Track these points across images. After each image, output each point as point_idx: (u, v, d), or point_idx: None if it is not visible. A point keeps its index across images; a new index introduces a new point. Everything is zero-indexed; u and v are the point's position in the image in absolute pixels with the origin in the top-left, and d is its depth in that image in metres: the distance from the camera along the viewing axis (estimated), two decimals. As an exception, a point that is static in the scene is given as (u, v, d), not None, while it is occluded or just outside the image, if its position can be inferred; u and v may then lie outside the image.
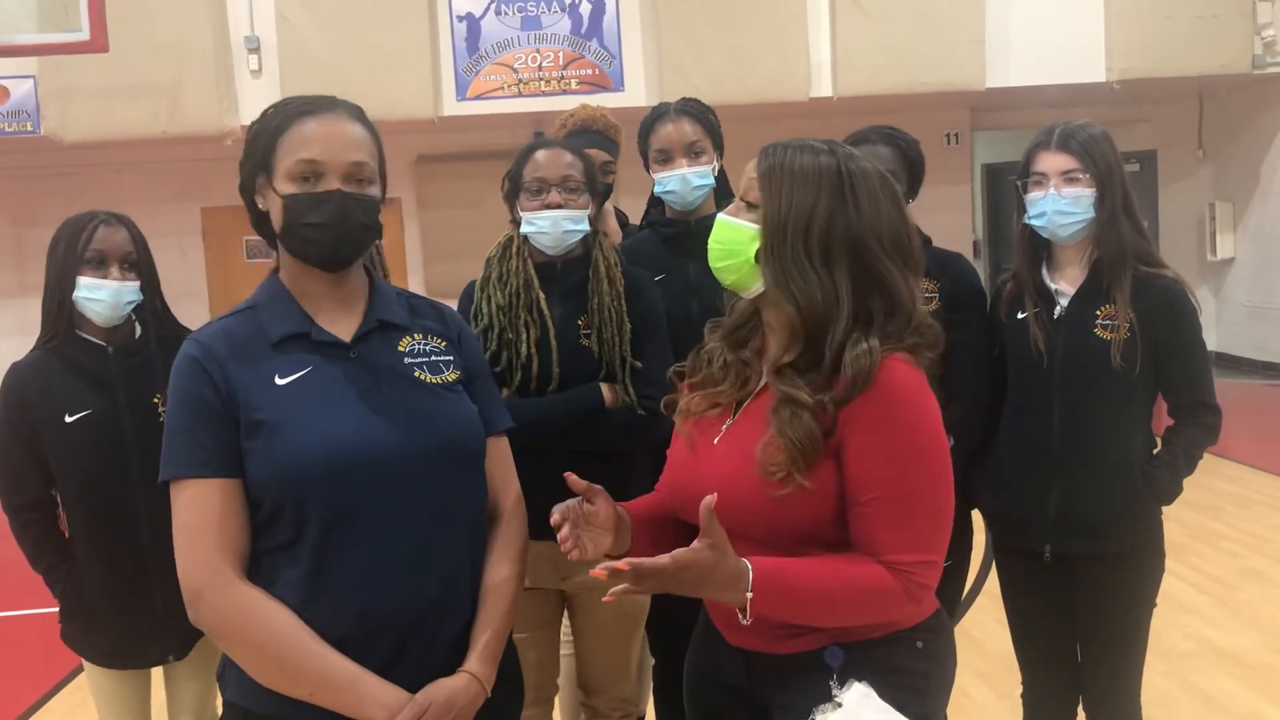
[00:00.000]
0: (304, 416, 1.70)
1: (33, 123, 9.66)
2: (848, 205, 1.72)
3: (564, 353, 2.58)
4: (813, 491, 1.66)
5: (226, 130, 9.56)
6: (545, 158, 2.60)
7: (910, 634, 1.76)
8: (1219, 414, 2.64)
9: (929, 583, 1.69)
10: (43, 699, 4.43)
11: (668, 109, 2.92)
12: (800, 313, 1.71)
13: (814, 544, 1.70)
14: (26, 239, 11.22)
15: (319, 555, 1.68)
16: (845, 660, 1.71)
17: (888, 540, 1.66)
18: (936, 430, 1.70)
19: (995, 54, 9.91)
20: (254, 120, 1.81)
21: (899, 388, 1.67)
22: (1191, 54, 9.95)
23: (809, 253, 1.71)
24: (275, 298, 1.80)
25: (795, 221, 1.72)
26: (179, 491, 1.70)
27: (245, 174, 1.80)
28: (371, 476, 1.70)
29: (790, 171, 1.75)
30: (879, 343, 1.68)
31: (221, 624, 1.67)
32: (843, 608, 1.68)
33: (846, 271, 1.71)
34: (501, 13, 9.90)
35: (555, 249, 2.59)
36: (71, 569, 2.62)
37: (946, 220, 10.65)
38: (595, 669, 2.77)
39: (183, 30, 9.38)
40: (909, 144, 2.79)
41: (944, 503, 1.71)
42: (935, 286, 2.74)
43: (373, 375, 1.77)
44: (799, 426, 1.66)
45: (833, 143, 1.81)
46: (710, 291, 2.85)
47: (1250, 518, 6.24)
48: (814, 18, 9.90)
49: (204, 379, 1.70)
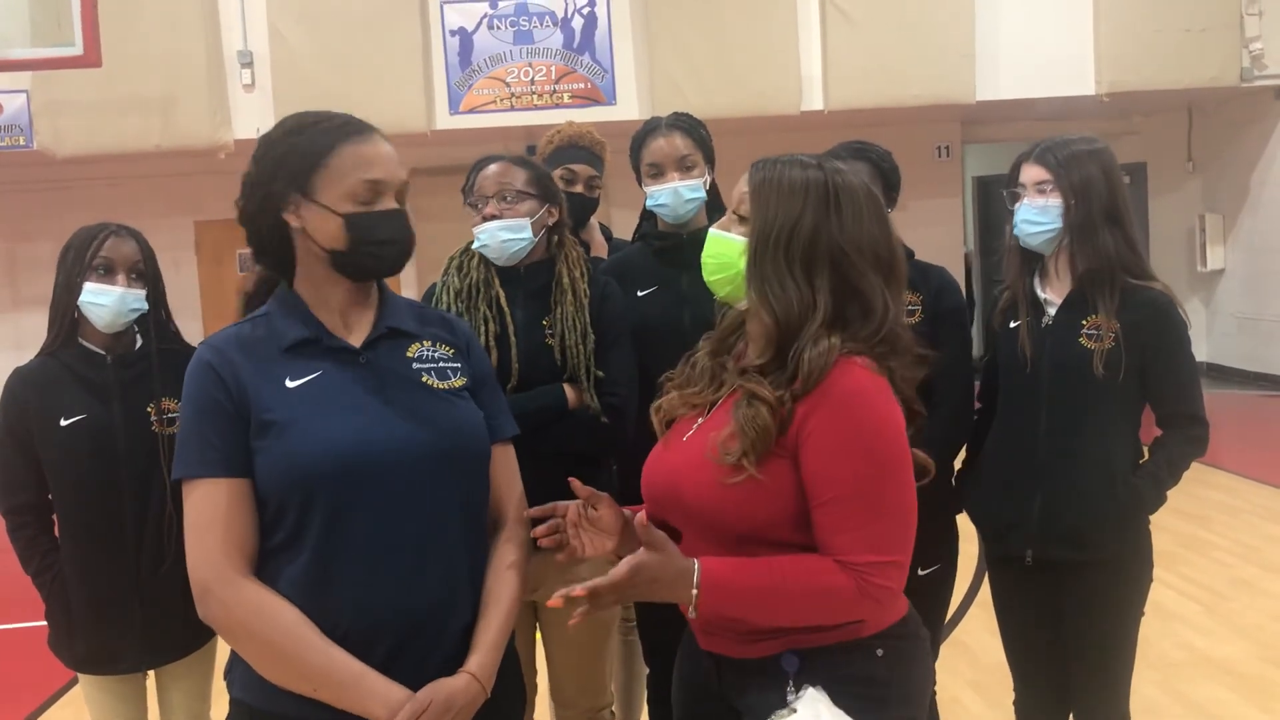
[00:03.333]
0: (312, 417, 1.74)
1: (25, 137, 9.67)
2: (831, 218, 1.77)
3: (527, 351, 2.60)
4: (767, 486, 1.70)
5: (220, 144, 9.58)
6: (485, 173, 2.66)
7: (870, 641, 1.76)
8: (1206, 426, 2.66)
9: (887, 584, 1.69)
10: (35, 712, 4.43)
11: (659, 123, 2.94)
12: (776, 321, 1.76)
13: (773, 546, 1.73)
14: (19, 253, 11.23)
15: (321, 553, 1.71)
16: (801, 666, 1.74)
17: (843, 541, 1.68)
18: (895, 432, 1.72)
19: (985, 67, 9.97)
20: (271, 138, 1.84)
21: (855, 389, 1.70)
22: (1180, 67, 10.02)
23: (790, 262, 1.76)
24: (288, 306, 1.84)
25: (779, 232, 1.77)
26: (190, 491, 1.74)
27: (269, 190, 1.81)
28: (375, 476, 1.74)
29: (778, 185, 1.80)
30: (840, 343, 1.72)
31: (229, 620, 1.71)
32: (791, 605, 1.70)
33: (826, 282, 1.76)
34: (494, 27, 9.94)
35: (501, 259, 2.63)
36: (58, 574, 2.65)
37: (937, 233, 10.71)
38: (566, 680, 2.77)
39: (176, 44, 9.41)
40: (880, 156, 2.81)
41: (903, 503, 1.72)
42: (918, 299, 2.77)
43: (381, 379, 1.82)
44: (752, 416, 1.71)
45: (822, 158, 1.85)
46: (703, 303, 2.86)
47: (1240, 527, 6.26)
48: (805, 31, 9.95)
49: (216, 382, 1.74)
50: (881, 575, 1.68)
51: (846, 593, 1.67)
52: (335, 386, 1.78)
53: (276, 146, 1.82)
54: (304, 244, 1.83)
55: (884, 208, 1.86)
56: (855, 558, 1.67)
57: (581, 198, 3.17)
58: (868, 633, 1.76)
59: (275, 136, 1.84)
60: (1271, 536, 6.12)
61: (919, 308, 2.76)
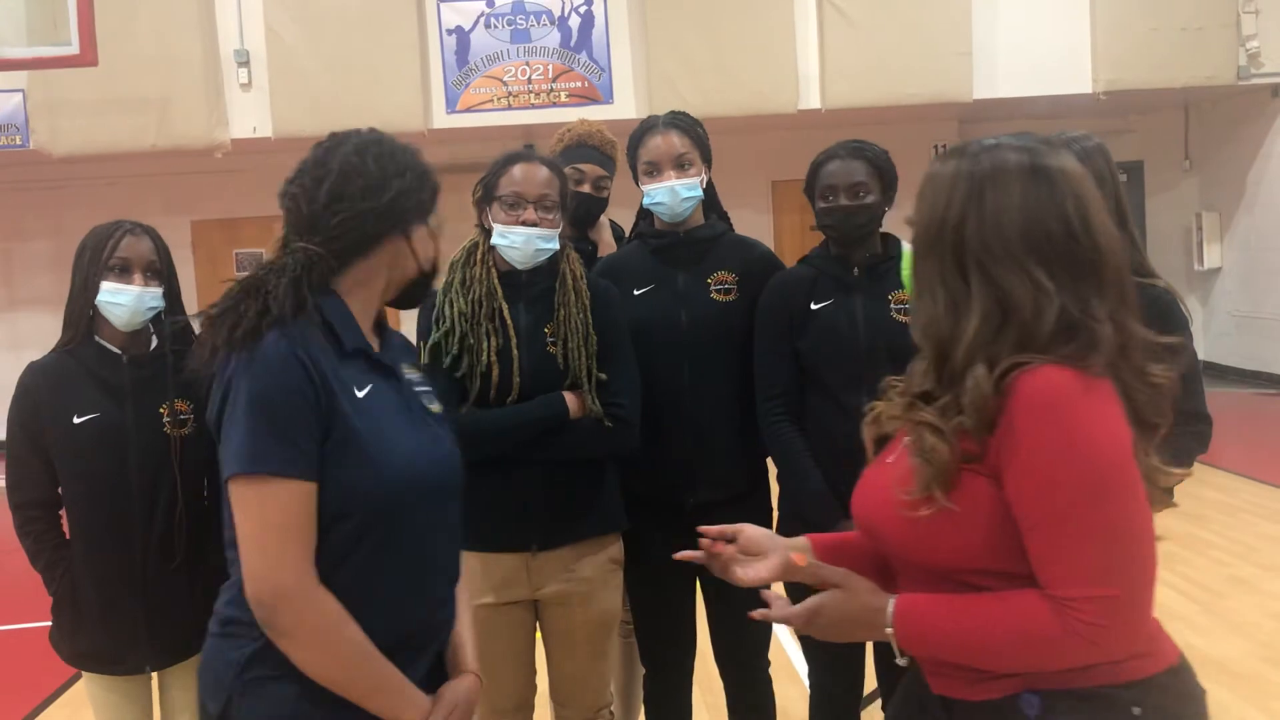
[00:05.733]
0: (386, 430, 1.75)
1: (21, 136, 9.65)
2: (973, 211, 1.56)
3: (529, 360, 2.60)
4: (959, 515, 1.52)
5: (216, 143, 9.57)
6: (523, 173, 2.62)
7: (1125, 692, 1.51)
8: (1209, 423, 2.65)
9: (1101, 621, 1.45)
10: (34, 711, 4.42)
11: (656, 122, 2.94)
12: (925, 340, 1.60)
13: (992, 578, 1.54)
14: (15, 253, 11.22)
15: (369, 567, 1.73)
16: (1043, 708, 1.52)
17: (1054, 572, 1.47)
18: (1108, 442, 1.48)
19: (982, 65, 9.97)
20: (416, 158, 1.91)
21: (1038, 400, 1.48)
22: (1177, 65, 10.03)
23: (942, 268, 1.57)
24: (338, 311, 1.80)
25: (926, 235, 1.60)
26: (266, 488, 1.65)
27: (417, 199, 1.88)
28: (431, 495, 1.80)
29: (932, 182, 1.62)
30: (1005, 357, 1.51)
31: (300, 626, 1.67)
32: (996, 648, 1.51)
33: (981, 285, 1.54)
34: (491, 26, 9.93)
35: (524, 264, 2.62)
36: (67, 570, 2.65)
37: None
38: (566, 678, 2.77)
39: (172, 44, 9.39)
40: (877, 155, 2.81)
41: (1125, 525, 1.47)
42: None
43: (409, 400, 1.86)
44: (930, 448, 1.53)
45: (989, 140, 1.63)
46: (699, 302, 2.88)
47: (1238, 526, 6.26)
48: (802, 30, 9.95)
49: (303, 375, 1.67)
50: (1093, 611, 1.45)
51: (1051, 632, 1.47)
52: (390, 402, 1.80)
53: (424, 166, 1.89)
54: (396, 260, 1.85)
55: (1071, 186, 1.57)
56: (1063, 591, 1.46)
57: (589, 197, 3.17)
58: (1122, 679, 1.51)
59: (413, 160, 1.88)
60: (1269, 535, 6.13)
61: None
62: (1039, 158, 1.57)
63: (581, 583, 2.67)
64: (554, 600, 2.68)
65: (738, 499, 2.91)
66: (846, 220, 2.77)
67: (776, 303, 2.83)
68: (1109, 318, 1.53)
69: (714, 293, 2.89)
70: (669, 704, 3.05)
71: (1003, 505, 1.50)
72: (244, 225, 10.89)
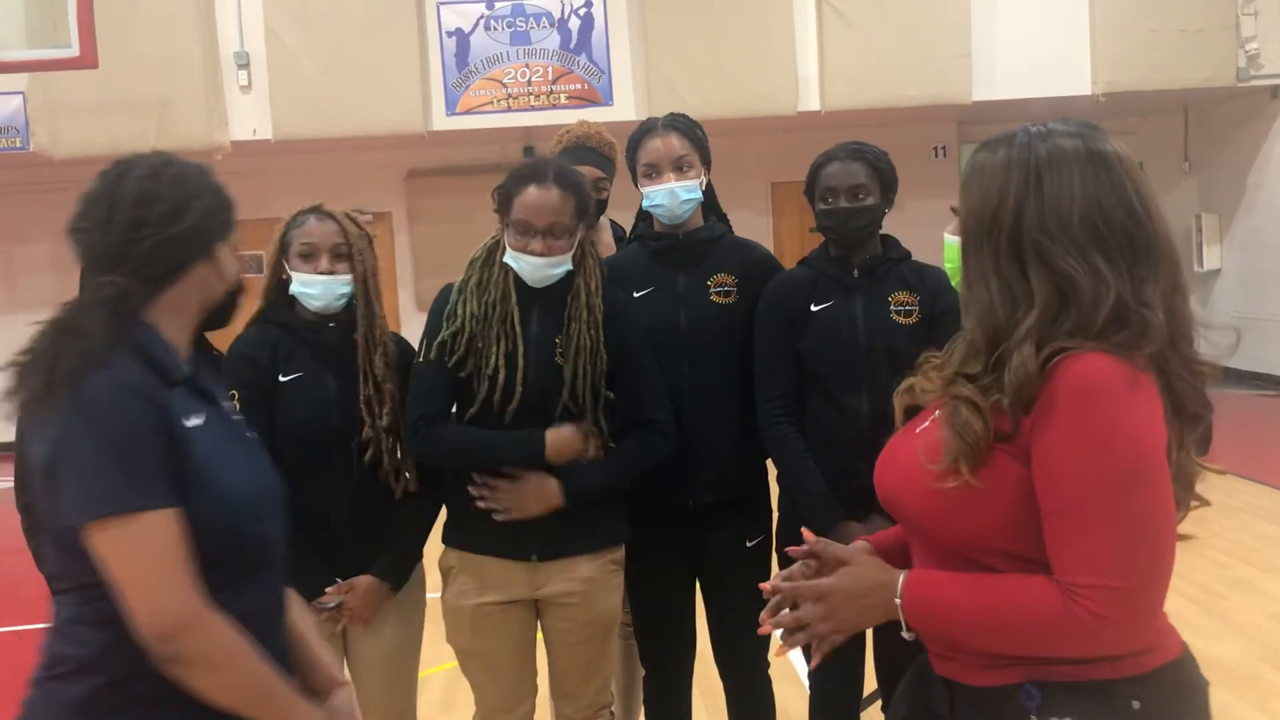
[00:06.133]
0: (231, 459, 1.72)
1: (22, 139, 9.66)
2: (1031, 198, 1.53)
3: (535, 369, 2.59)
4: (983, 493, 1.51)
5: (216, 145, 9.58)
6: (534, 199, 2.55)
7: (1126, 686, 1.50)
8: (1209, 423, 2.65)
9: (1103, 612, 1.43)
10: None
11: (656, 124, 2.94)
12: (978, 328, 1.57)
13: (1004, 560, 1.54)
14: (16, 255, 11.22)
15: (232, 593, 1.68)
16: (1043, 701, 1.51)
17: (1066, 558, 1.46)
18: (1140, 432, 1.46)
19: (982, 67, 9.98)
20: (208, 178, 1.84)
21: (1088, 382, 1.46)
22: (1176, 67, 10.04)
23: (996, 256, 1.55)
24: (157, 344, 1.71)
25: (979, 224, 1.58)
26: (129, 525, 1.58)
27: (217, 222, 1.84)
28: (274, 520, 1.79)
29: (981, 170, 1.60)
30: (1055, 342, 1.49)
31: (205, 652, 1.62)
32: (994, 624, 1.51)
33: (1037, 273, 1.52)
34: (491, 28, 9.94)
35: (536, 284, 2.61)
36: None
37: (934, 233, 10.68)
38: (567, 675, 2.77)
39: (172, 46, 9.40)
40: (877, 156, 2.81)
41: (1145, 517, 1.45)
42: (915, 300, 2.77)
43: (236, 428, 1.83)
44: (965, 423, 1.52)
45: (1036, 127, 1.60)
46: (698, 304, 2.88)
47: (1237, 527, 6.26)
48: (801, 32, 9.97)
49: (140, 403, 1.61)
50: (1097, 601, 1.43)
51: (1055, 617, 1.46)
52: (224, 430, 1.75)
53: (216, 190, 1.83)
54: (205, 282, 1.78)
55: (1127, 171, 1.55)
56: (1074, 577, 1.45)
57: None
58: (1124, 673, 1.50)
59: (209, 180, 1.82)
60: (1268, 536, 6.13)
61: (915, 308, 2.76)
62: (1093, 143, 1.55)
63: (582, 583, 2.67)
64: (555, 600, 2.68)
65: (738, 500, 2.92)
66: (846, 222, 2.77)
67: (776, 304, 2.83)
68: (1162, 305, 1.52)
69: (713, 295, 2.89)
70: (669, 704, 3.05)
71: (1027, 487, 1.49)
72: (244, 227, 10.48)
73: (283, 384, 2.64)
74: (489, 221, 2.71)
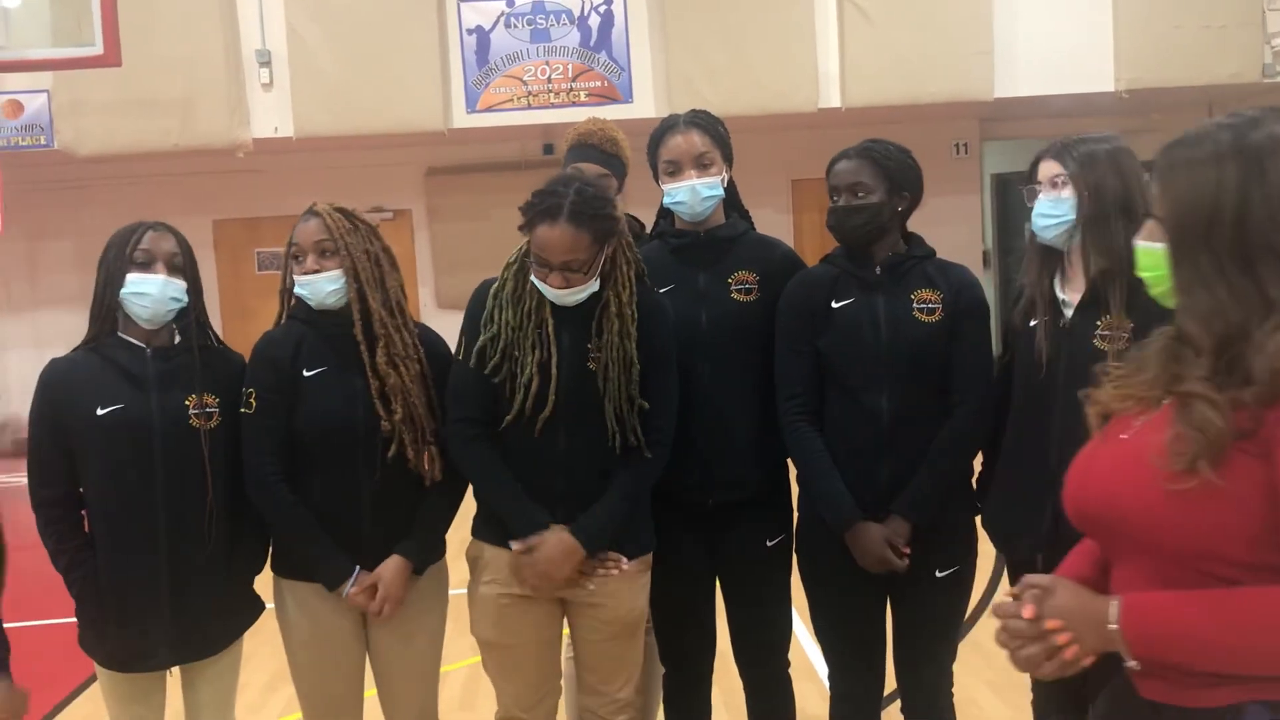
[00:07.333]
0: None
1: (46, 136, 9.72)
2: (1255, 188, 1.44)
3: (568, 378, 2.59)
4: (1226, 493, 1.39)
5: (238, 143, 9.62)
6: (546, 238, 2.51)
7: None
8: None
9: None
10: (56, 709, 4.45)
11: (677, 120, 2.93)
12: (1209, 336, 1.47)
13: (1229, 569, 1.43)
14: (40, 252, 11.29)
15: None
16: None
17: None
18: None
19: (1003, 64, 9.92)
20: None
21: None
22: (1200, 64, 9.95)
23: (1217, 258, 1.45)
24: None
25: (1193, 225, 1.47)
26: None
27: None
28: None
29: (1184, 167, 1.50)
30: None
31: None
32: (1247, 647, 1.39)
33: (1274, 269, 1.43)
34: (511, 25, 9.95)
35: (561, 304, 2.61)
36: (90, 569, 2.65)
37: (955, 231, 10.67)
38: (594, 673, 2.78)
39: (194, 44, 9.44)
40: (886, 154, 2.76)
41: None
42: (938, 297, 2.74)
43: None
44: (1201, 416, 1.42)
45: (1236, 116, 1.52)
46: (719, 302, 2.87)
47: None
48: (822, 29, 9.93)
49: None
50: None
51: None
52: None
53: None
54: None
55: None
56: None
57: None
58: None
59: None
60: None
61: (938, 306, 2.74)
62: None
63: (609, 582, 2.67)
64: (581, 601, 2.69)
65: (759, 499, 2.91)
66: (844, 220, 2.76)
67: (797, 302, 2.82)
68: None
69: (734, 292, 2.88)
70: (688, 702, 3.04)
71: (1271, 490, 1.38)
72: (265, 224, 10.93)
73: (306, 379, 2.66)
74: (508, 219, 2.71)
